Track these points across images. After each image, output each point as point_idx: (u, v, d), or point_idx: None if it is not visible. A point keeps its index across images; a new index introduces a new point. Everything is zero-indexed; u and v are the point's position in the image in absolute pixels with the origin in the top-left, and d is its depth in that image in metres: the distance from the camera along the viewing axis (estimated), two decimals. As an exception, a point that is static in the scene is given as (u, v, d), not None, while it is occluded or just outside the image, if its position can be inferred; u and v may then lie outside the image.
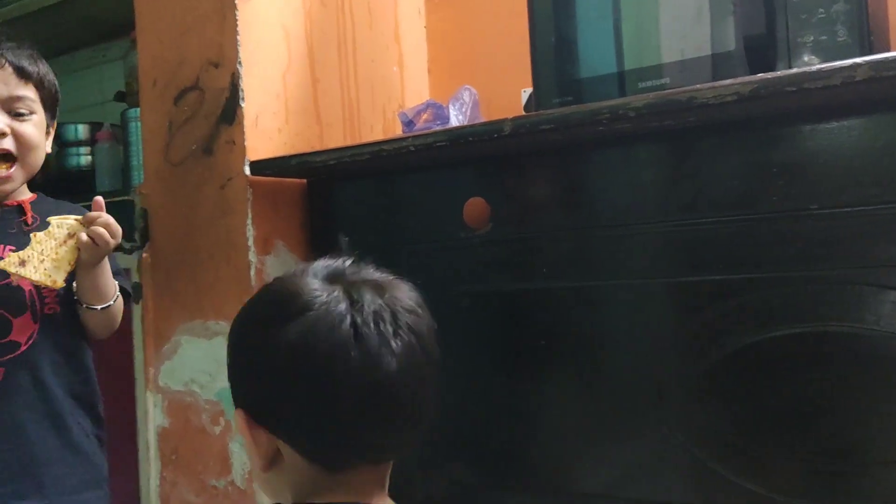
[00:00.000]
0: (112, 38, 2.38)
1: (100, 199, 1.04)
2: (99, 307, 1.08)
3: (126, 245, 1.44)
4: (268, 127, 1.45)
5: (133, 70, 1.76)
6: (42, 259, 1.00)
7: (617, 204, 1.18)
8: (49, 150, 1.16)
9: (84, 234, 1.01)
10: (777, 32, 1.06)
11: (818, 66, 0.86)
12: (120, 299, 1.15)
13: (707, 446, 1.09)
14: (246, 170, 1.39)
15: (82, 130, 1.99)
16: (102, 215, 1.03)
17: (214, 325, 1.44)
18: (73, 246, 1.02)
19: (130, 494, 1.56)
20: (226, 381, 1.44)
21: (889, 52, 0.87)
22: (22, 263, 0.99)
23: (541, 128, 1.05)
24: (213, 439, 1.45)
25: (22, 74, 1.08)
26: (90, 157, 1.94)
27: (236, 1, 1.40)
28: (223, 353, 1.40)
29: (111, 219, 1.04)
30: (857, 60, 0.85)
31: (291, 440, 0.67)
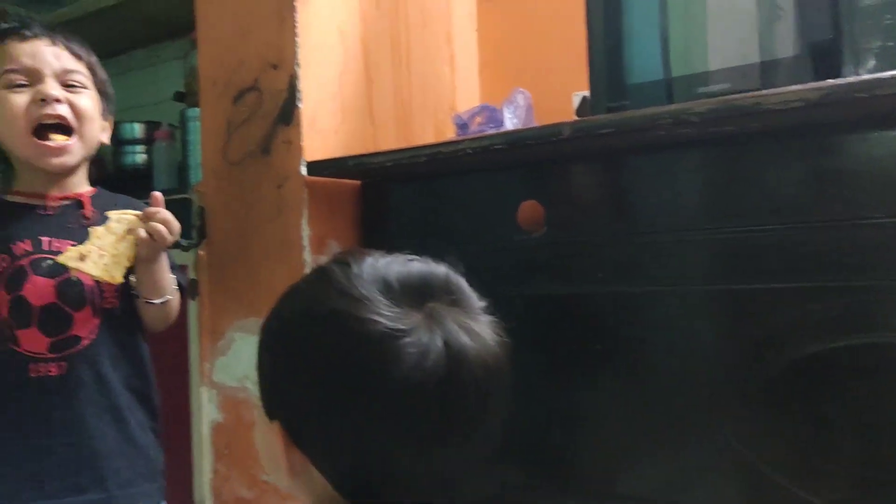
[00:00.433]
0: (166, 39, 2.43)
1: (158, 195, 1.05)
2: (157, 301, 1.09)
3: (183, 242, 1.47)
4: (324, 127, 1.47)
5: (192, 71, 1.80)
6: (101, 254, 1.00)
7: (672, 209, 1.17)
8: (107, 142, 1.18)
9: (142, 230, 1.02)
10: (842, 38, 1.05)
11: (891, 73, 0.85)
12: (177, 294, 1.16)
13: (764, 454, 1.08)
14: (302, 170, 1.41)
15: (138, 129, 2.04)
16: (161, 211, 1.04)
17: (269, 323, 1.46)
18: (132, 241, 1.03)
19: (184, 487, 1.60)
20: (279, 378, 1.47)
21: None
22: (81, 258, 1.00)
23: (600, 132, 1.05)
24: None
25: (74, 53, 1.11)
26: (146, 156, 1.98)
27: (295, 3, 1.42)
28: (277, 351, 1.44)
29: (169, 214, 1.04)
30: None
31: (333, 480, 0.60)
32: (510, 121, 1.43)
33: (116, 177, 1.98)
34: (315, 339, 0.59)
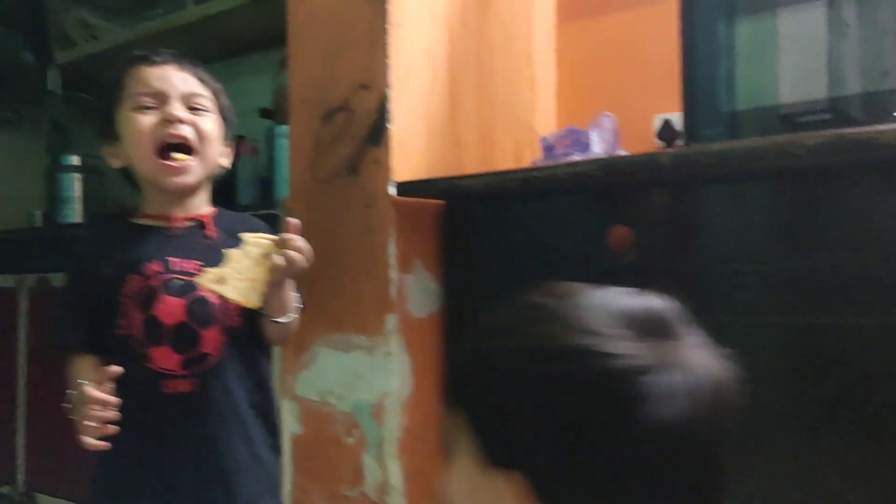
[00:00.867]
0: (247, 54, 2.49)
1: (296, 222, 1.05)
2: (282, 320, 1.10)
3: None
4: (411, 148, 1.49)
5: (281, 89, 1.84)
6: (239, 278, 1.02)
7: (768, 238, 1.16)
8: (227, 166, 1.21)
9: (279, 257, 1.03)
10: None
11: None
12: (298, 311, 1.17)
13: (862, 492, 1.07)
14: (391, 190, 1.43)
15: (222, 143, 2.08)
16: (296, 238, 1.04)
17: (354, 339, 1.48)
18: (267, 266, 1.03)
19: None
20: (362, 394, 1.50)
21: None
22: (220, 281, 1.01)
23: (703, 162, 1.04)
24: (347, 450, 1.49)
25: (199, 78, 1.15)
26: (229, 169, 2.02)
27: (387, 26, 1.44)
28: (361, 366, 1.46)
29: (304, 242, 1.05)
30: None
31: None
32: (597, 144, 1.43)
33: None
34: (560, 378, 0.54)
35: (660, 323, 0.57)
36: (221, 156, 1.18)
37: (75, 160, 2.55)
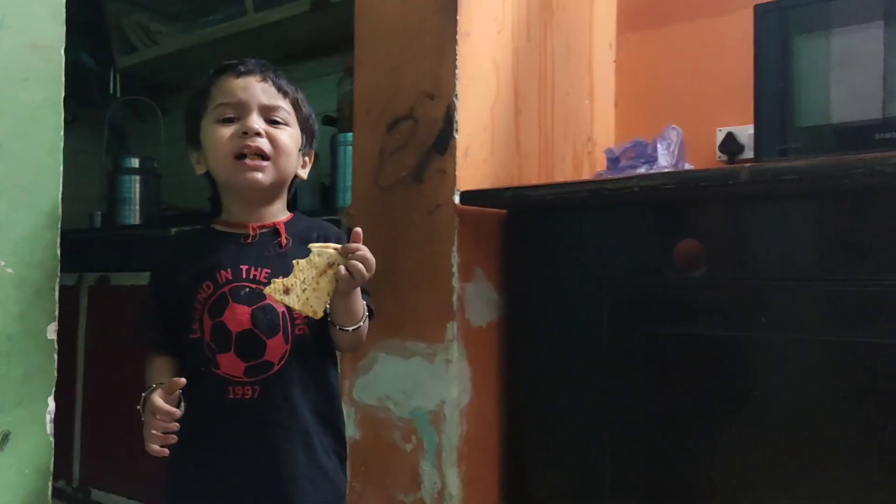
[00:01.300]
0: (304, 61, 2.52)
1: (359, 231, 1.06)
2: (350, 328, 1.10)
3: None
4: (476, 157, 1.50)
5: (346, 97, 1.85)
6: (304, 288, 1.02)
7: (844, 256, 1.15)
8: (304, 177, 1.22)
9: (343, 267, 1.03)
10: None
11: None
12: (367, 318, 1.16)
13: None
14: (455, 198, 1.44)
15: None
16: (361, 248, 1.04)
17: (413, 346, 1.49)
18: (332, 276, 1.03)
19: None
20: (421, 401, 1.50)
21: None
22: (286, 292, 1.02)
23: (784, 178, 1.03)
24: (405, 456, 1.50)
25: (281, 90, 1.15)
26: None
27: (457, 36, 1.45)
28: (420, 373, 1.47)
29: (368, 251, 1.05)
30: None
31: None
32: (664, 157, 1.42)
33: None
34: None
35: None
36: (298, 166, 1.19)
37: (135, 162, 2.60)
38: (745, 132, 1.69)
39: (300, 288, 1.02)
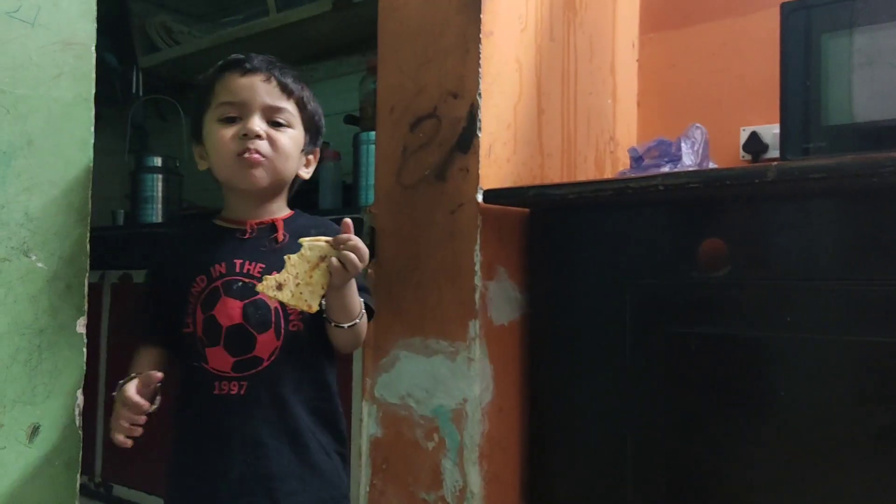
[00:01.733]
0: (325, 60, 2.53)
1: (349, 222, 1.04)
2: (346, 325, 1.08)
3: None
4: (499, 156, 1.50)
5: (368, 96, 1.86)
6: (297, 283, 1.00)
7: (869, 256, 1.14)
8: (306, 177, 1.21)
9: (334, 259, 1.01)
10: None
11: None
12: (364, 316, 1.14)
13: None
14: (478, 197, 1.44)
15: (303, 148, 2.12)
16: (352, 238, 1.03)
17: (435, 344, 1.50)
18: (325, 269, 1.02)
19: (342, 497, 1.64)
20: (443, 399, 1.51)
21: None
22: (279, 287, 1.00)
23: (811, 176, 1.03)
24: (426, 454, 1.50)
25: (285, 90, 1.13)
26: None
27: (480, 35, 1.46)
28: (442, 371, 1.48)
29: (360, 242, 1.03)
30: None
31: None
32: (688, 156, 1.42)
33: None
34: None
35: None
36: (300, 167, 1.18)
37: (157, 161, 2.62)
38: (770, 131, 1.68)
39: (293, 283, 1.00)
